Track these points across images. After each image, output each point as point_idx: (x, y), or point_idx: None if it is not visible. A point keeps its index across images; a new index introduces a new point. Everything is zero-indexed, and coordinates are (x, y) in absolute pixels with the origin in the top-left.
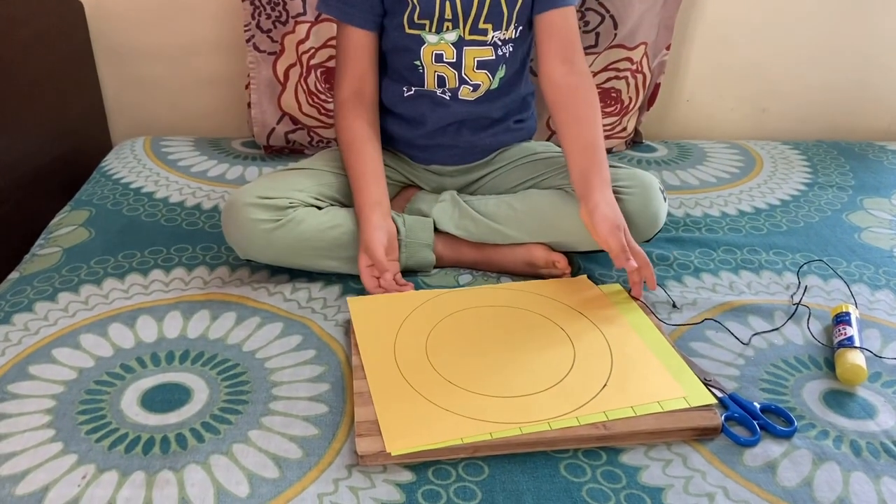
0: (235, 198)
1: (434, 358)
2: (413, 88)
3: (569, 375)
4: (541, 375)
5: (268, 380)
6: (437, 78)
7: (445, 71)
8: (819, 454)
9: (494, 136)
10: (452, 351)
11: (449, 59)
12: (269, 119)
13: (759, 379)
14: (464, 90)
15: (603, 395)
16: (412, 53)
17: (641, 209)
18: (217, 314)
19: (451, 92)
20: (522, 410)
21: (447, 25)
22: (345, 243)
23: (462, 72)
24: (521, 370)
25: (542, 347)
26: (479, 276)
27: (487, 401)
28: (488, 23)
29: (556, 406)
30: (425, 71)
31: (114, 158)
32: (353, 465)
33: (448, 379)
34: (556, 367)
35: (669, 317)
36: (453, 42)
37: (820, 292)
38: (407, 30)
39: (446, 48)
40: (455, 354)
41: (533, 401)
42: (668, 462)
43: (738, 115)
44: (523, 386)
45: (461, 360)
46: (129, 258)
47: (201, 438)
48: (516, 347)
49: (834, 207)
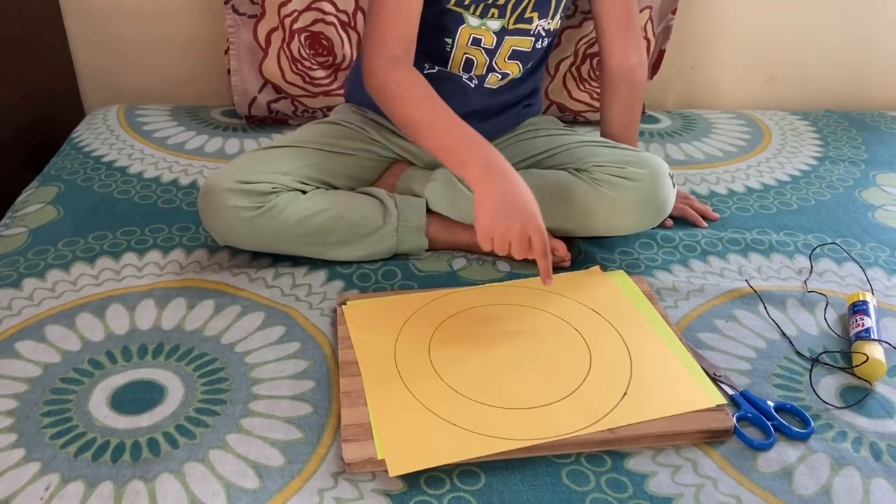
0: (213, 182)
1: (438, 365)
2: (436, 67)
3: (585, 383)
4: (554, 383)
5: (248, 376)
6: (465, 61)
7: (477, 56)
8: (837, 458)
9: (504, 121)
10: (458, 357)
11: (486, 45)
12: (251, 87)
13: (772, 374)
14: (491, 78)
15: (623, 405)
16: (447, 31)
17: (650, 196)
18: (194, 303)
19: (477, 79)
20: (536, 424)
21: (493, 12)
22: (330, 229)
23: (494, 59)
24: (532, 377)
25: (555, 351)
26: (473, 261)
27: (496, 413)
28: (535, 11)
29: (572, 419)
30: (453, 52)
31: (85, 129)
32: (339, 473)
33: (454, 388)
34: (570, 373)
35: (676, 304)
36: (495, 31)
37: (833, 277)
38: (451, 4)
39: (486, 34)
40: (460, 360)
41: (547, 413)
42: (677, 468)
43: (744, 83)
44: (536, 395)
45: (467, 367)
46: (100, 240)
47: (175, 444)
48: (527, 351)
49: (846, 184)
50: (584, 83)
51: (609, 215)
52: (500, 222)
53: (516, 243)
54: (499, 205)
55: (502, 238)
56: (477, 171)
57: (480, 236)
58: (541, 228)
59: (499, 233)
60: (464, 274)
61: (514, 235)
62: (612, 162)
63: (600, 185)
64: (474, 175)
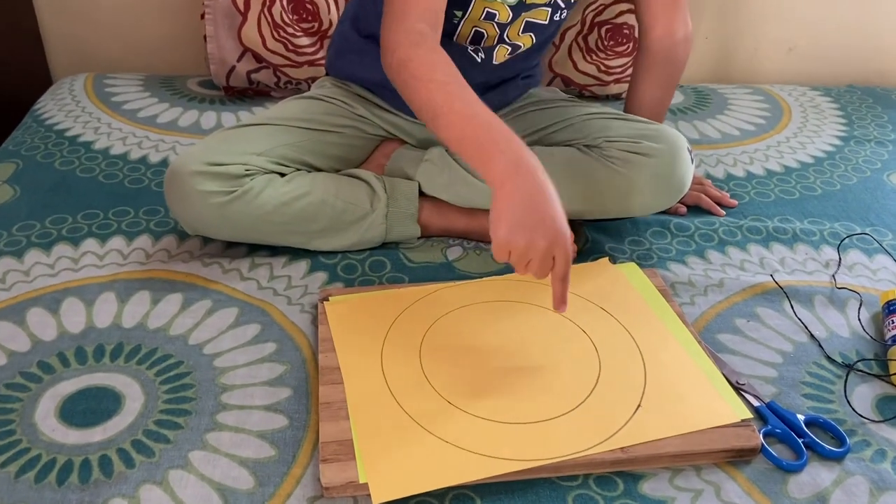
0: (179, 164)
1: (430, 372)
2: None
3: (593, 394)
4: (559, 394)
5: (216, 383)
6: (473, 34)
7: (488, 29)
8: (877, 482)
9: (503, 94)
10: (452, 363)
11: (500, 20)
12: (229, 56)
13: (801, 382)
14: (500, 51)
15: (637, 420)
16: (457, 3)
17: (667, 173)
18: (159, 297)
19: (484, 52)
20: (538, 442)
21: None
22: (312, 216)
23: (506, 32)
24: (535, 387)
25: (561, 357)
26: (470, 249)
27: (494, 429)
28: None
29: (579, 436)
30: (462, 24)
31: (49, 100)
32: (316, 498)
33: (448, 399)
34: (578, 382)
35: (693, 301)
36: (511, 4)
37: (864, 270)
38: None
39: (501, 9)
40: (455, 367)
41: (551, 429)
42: (697, 493)
43: (761, 56)
44: (539, 408)
45: (462, 375)
46: (59, 224)
47: (131, 463)
48: (529, 357)
49: (874, 166)
50: (591, 54)
51: (622, 195)
52: (523, 236)
53: (537, 263)
54: (524, 215)
55: (522, 254)
56: (502, 170)
57: (496, 248)
58: (567, 250)
59: (519, 247)
60: (460, 265)
61: (537, 254)
62: (626, 136)
63: (612, 163)
64: (498, 174)
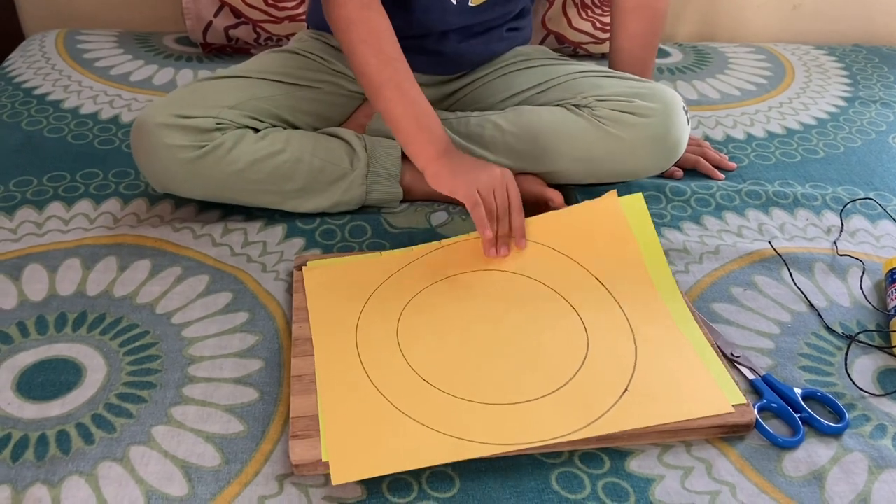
0: (146, 116)
1: (407, 346)
2: None
3: (578, 374)
4: (543, 373)
5: (184, 354)
6: None
7: None
8: (877, 459)
9: (486, 44)
10: (431, 336)
11: None
12: (205, 10)
13: (798, 354)
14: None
15: (623, 405)
16: None
17: (662, 134)
18: (126, 263)
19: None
20: (517, 425)
21: None
22: (287, 174)
23: None
24: (516, 365)
25: (548, 333)
26: (455, 214)
27: (470, 409)
28: None
29: (560, 420)
30: None
31: (18, 57)
32: (285, 476)
33: (422, 375)
34: (562, 361)
35: (687, 269)
36: None
37: (867, 237)
38: None
39: None
40: (434, 341)
41: (531, 410)
42: (687, 471)
43: (765, 12)
44: (520, 388)
45: (441, 350)
46: (23, 186)
47: (90, 438)
48: (515, 332)
49: (879, 128)
50: (586, 10)
51: (614, 158)
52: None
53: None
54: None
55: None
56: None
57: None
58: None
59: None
60: (444, 230)
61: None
62: (618, 95)
63: (604, 123)
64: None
